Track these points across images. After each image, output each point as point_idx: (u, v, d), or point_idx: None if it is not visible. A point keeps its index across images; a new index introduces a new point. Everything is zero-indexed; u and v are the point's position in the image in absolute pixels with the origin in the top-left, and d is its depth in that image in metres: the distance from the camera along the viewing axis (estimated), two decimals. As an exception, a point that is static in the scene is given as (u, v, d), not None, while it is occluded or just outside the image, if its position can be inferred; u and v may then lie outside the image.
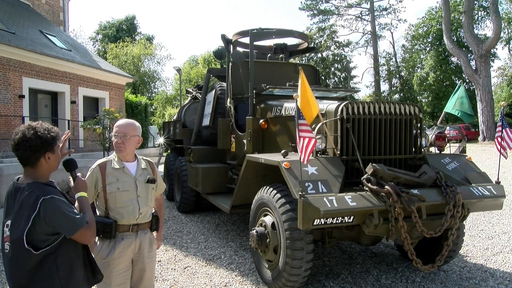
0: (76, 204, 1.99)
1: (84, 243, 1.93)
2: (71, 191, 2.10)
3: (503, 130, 3.93)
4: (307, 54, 29.47)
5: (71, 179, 2.07)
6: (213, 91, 6.97)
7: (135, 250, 2.53)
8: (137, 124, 2.62)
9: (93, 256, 2.19)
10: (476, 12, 32.61)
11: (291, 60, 8.31)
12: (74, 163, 2.06)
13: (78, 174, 2.07)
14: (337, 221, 3.17)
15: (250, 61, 5.54)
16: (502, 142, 3.94)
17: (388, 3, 59.42)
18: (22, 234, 1.75)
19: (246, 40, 6.28)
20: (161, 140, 10.92)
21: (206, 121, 6.98)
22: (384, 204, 3.22)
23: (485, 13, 34.00)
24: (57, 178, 2.07)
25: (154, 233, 2.72)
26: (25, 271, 1.79)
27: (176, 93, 35.21)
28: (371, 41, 41.26)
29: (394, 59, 43.43)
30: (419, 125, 4.13)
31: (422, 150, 4.21)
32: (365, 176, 3.42)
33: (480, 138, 24.22)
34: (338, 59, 40.54)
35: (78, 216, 1.85)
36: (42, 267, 1.80)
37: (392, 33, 50.03)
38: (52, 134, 1.91)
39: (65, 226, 1.80)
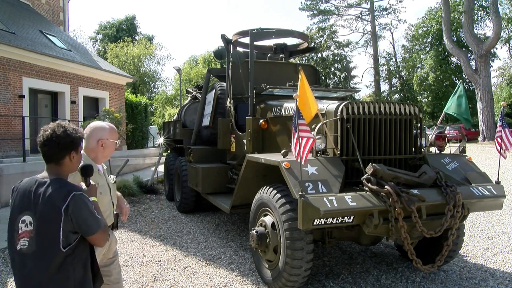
0: None
1: (97, 245, 1.95)
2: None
3: (503, 130, 3.93)
4: (307, 54, 29.46)
5: (83, 184, 2.11)
6: (213, 91, 6.97)
7: (105, 251, 2.52)
8: None
9: None
10: (476, 12, 32.61)
11: (291, 60, 8.31)
12: (92, 169, 2.11)
13: (92, 182, 2.13)
14: (337, 221, 3.17)
15: (250, 61, 5.54)
16: (501, 142, 3.94)
17: (388, 3, 59.47)
18: (58, 227, 1.76)
19: (246, 40, 6.28)
20: (161, 140, 10.93)
21: (206, 121, 6.98)
22: (384, 204, 3.22)
23: (485, 13, 34.00)
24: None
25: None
26: (49, 269, 1.78)
27: (176, 93, 35.18)
28: (371, 41, 41.26)
29: (394, 59, 43.44)
30: (419, 125, 4.13)
31: (422, 150, 4.21)
32: (365, 176, 3.42)
33: (480, 138, 24.21)
34: (338, 59, 40.53)
35: (100, 217, 1.89)
36: (61, 268, 1.81)
37: (392, 33, 50.04)
38: (79, 134, 1.95)
39: (89, 224, 1.82)
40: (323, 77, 37.99)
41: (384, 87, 44.26)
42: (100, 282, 2.09)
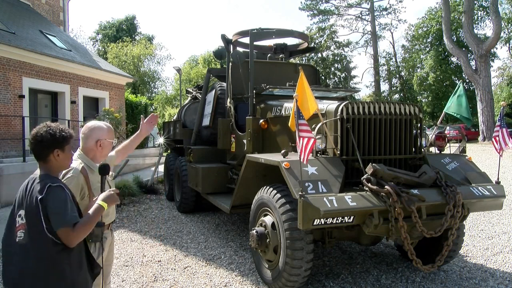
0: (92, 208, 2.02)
1: (64, 242, 1.89)
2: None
3: (500, 129, 3.95)
4: (307, 54, 29.46)
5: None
6: (213, 91, 6.97)
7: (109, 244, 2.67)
8: None
9: None
10: (476, 12, 32.60)
11: (291, 60, 8.31)
12: (108, 169, 2.24)
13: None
14: (337, 221, 3.18)
15: (250, 61, 5.54)
16: (499, 141, 3.96)
17: (388, 3, 59.48)
18: (40, 217, 1.83)
19: (246, 40, 6.28)
20: (161, 140, 10.93)
21: (206, 121, 6.98)
22: (384, 204, 3.22)
23: (485, 13, 33.99)
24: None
25: None
26: (43, 262, 1.84)
27: (176, 93, 35.19)
28: (371, 41, 41.26)
29: (394, 59, 43.44)
30: (419, 125, 4.13)
31: (422, 150, 4.21)
32: (365, 176, 3.42)
33: (480, 138, 24.20)
34: (338, 59, 40.52)
35: (73, 214, 1.88)
36: (56, 264, 1.87)
37: (392, 33, 49.96)
38: (63, 134, 2.03)
39: (53, 218, 1.84)
40: (323, 77, 37.98)
41: (384, 87, 44.33)
42: (98, 268, 2.16)
